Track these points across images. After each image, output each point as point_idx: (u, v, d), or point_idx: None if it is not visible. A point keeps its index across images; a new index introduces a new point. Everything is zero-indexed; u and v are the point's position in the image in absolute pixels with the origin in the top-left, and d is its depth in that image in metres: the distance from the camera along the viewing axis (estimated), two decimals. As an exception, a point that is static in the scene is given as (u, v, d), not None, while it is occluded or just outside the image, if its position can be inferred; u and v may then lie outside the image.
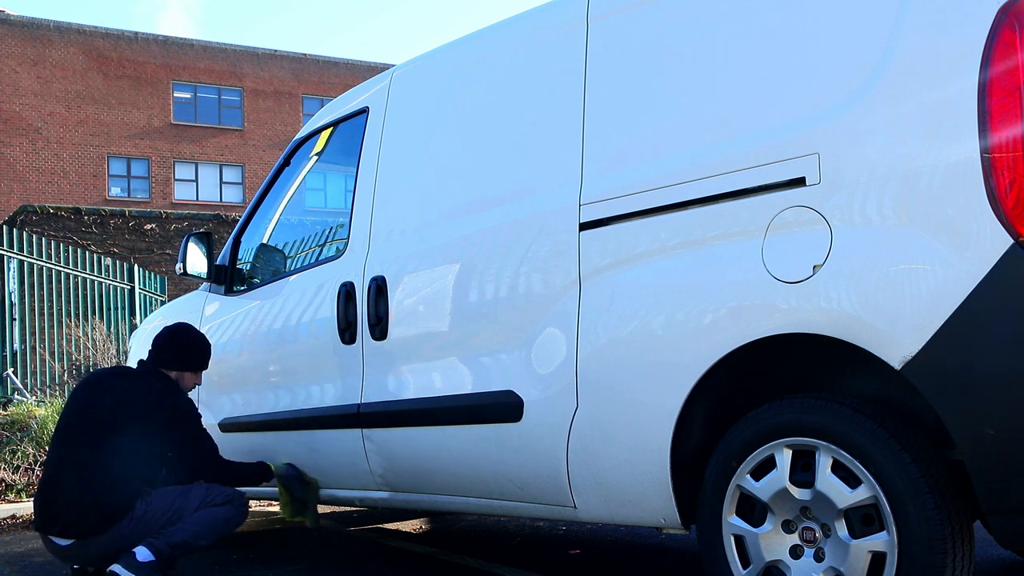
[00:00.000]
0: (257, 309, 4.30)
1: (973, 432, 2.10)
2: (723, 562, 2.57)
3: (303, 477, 4.07)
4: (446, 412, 3.31)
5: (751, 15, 2.66)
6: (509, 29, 3.49)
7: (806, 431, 2.38)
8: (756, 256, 2.47)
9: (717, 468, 2.58)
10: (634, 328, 2.75)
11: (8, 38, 31.46)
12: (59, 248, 11.10)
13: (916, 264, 2.19)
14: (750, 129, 2.57)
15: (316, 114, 4.49)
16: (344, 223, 3.95)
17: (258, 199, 4.55)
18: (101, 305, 11.45)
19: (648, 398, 2.69)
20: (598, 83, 3.02)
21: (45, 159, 31.64)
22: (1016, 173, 2.08)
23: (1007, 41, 2.11)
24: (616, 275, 2.82)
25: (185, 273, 4.49)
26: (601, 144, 2.97)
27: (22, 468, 6.96)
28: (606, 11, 3.05)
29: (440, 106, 3.67)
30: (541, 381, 3.00)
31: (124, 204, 29.34)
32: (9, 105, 31.13)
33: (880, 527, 2.28)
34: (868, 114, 2.33)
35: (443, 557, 4.44)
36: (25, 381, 9.80)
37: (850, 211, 2.32)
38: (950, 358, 2.13)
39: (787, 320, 2.40)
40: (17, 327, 10.22)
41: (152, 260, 15.60)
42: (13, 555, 4.83)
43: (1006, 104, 2.10)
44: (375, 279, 3.61)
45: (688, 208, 2.65)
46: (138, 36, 33.72)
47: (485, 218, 3.29)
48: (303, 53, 36.43)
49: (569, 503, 2.95)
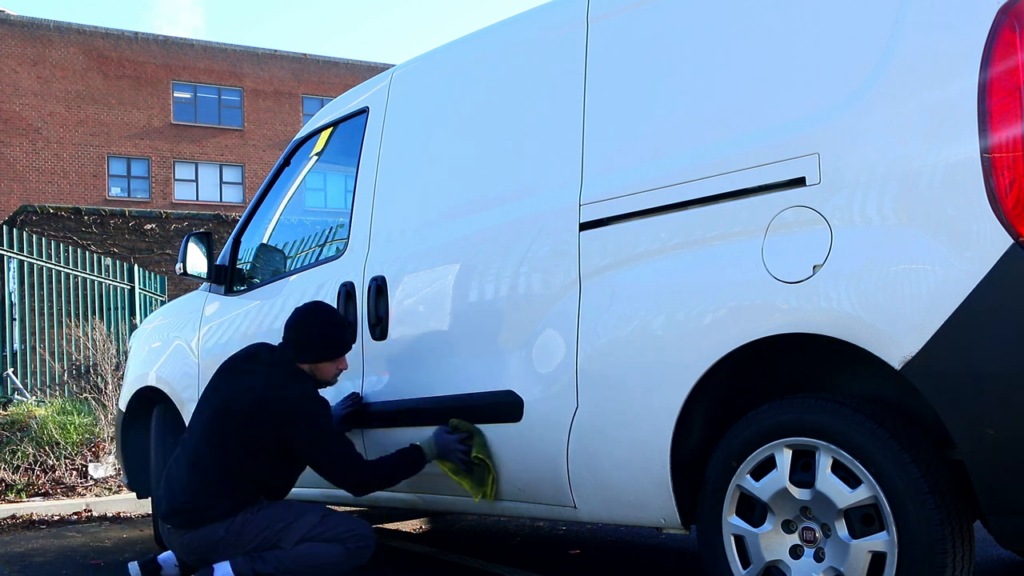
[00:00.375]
0: (257, 309, 4.30)
1: (973, 432, 2.10)
2: (723, 562, 2.57)
3: (458, 427, 3.27)
4: (446, 412, 3.31)
5: (751, 15, 2.66)
6: (509, 29, 3.49)
7: (806, 431, 2.39)
8: (756, 256, 2.47)
9: (717, 468, 2.58)
10: (634, 328, 2.75)
11: (8, 38, 31.45)
12: (59, 248, 11.10)
13: (916, 264, 2.19)
14: (750, 129, 2.57)
15: (316, 114, 4.49)
16: (344, 223, 3.95)
17: (258, 199, 4.55)
18: (101, 305, 11.45)
19: (648, 398, 2.69)
20: (598, 83, 3.02)
21: (45, 159, 31.63)
22: (1016, 173, 2.08)
23: (1007, 41, 2.12)
24: (616, 275, 2.82)
25: (185, 273, 4.48)
26: (601, 144, 2.97)
27: (22, 468, 6.96)
28: (606, 11, 3.05)
29: (440, 106, 3.67)
30: (541, 381, 3.00)
31: (124, 204, 29.32)
32: (9, 105, 31.13)
33: (880, 527, 2.28)
34: (868, 114, 2.33)
35: (443, 557, 4.45)
36: (25, 381, 9.80)
37: (850, 211, 2.32)
38: (950, 358, 2.13)
39: (787, 320, 2.40)
40: (17, 327, 10.22)
41: (152, 260, 15.60)
42: (13, 555, 4.83)
43: (1006, 104, 2.10)
44: (375, 279, 3.61)
45: (688, 208, 2.65)
46: (138, 36, 33.71)
47: (485, 218, 3.29)
48: (303, 53, 36.43)
49: (569, 503, 2.95)
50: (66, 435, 7.29)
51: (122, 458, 5.18)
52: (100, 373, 8.72)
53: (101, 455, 7.35)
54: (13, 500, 6.63)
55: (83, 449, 7.33)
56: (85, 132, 32.20)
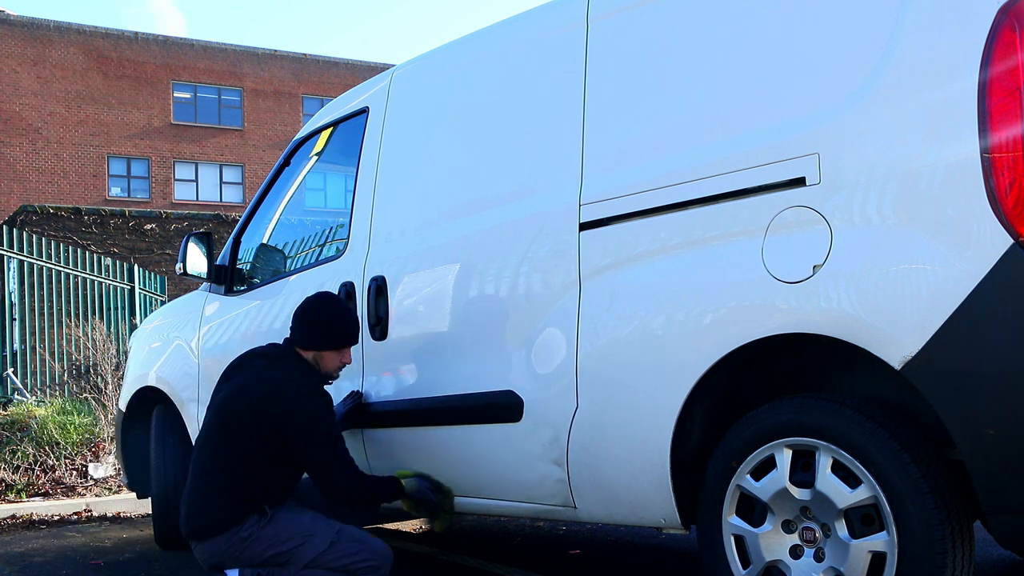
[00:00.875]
0: (257, 309, 4.29)
1: (973, 432, 2.10)
2: (723, 562, 2.57)
3: (440, 487, 3.38)
4: (446, 412, 3.31)
5: (751, 15, 2.65)
6: (509, 29, 3.49)
7: (806, 431, 2.38)
8: (756, 256, 2.47)
9: (717, 468, 2.58)
10: (634, 328, 2.75)
11: (8, 38, 31.45)
12: (59, 248, 11.10)
13: (916, 264, 2.19)
14: (750, 129, 2.57)
15: (316, 114, 4.49)
16: (344, 223, 3.95)
17: (258, 199, 4.55)
18: (101, 305, 11.45)
19: (648, 398, 2.69)
20: (598, 83, 3.02)
21: (45, 159, 31.63)
22: (1016, 173, 2.08)
23: (1007, 41, 2.11)
24: (616, 275, 2.82)
25: (185, 273, 4.48)
26: (601, 144, 2.97)
27: (22, 468, 6.96)
28: (606, 11, 3.05)
29: (440, 106, 3.67)
30: (541, 381, 3.00)
31: (124, 204, 29.32)
32: (9, 105, 31.13)
33: (880, 527, 2.28)
34: (868, 114, 2.33)
35: (443, 557, 4.45)
36: (25, 381, 9.80)
37: (850, 211, 2.32)
38: (950, 358, 2.13)
39: (787, 320, 2.40)
40: (17, 327, 10.23)
41: (152, 260, 15.60)
42: (13, 555, 4.83)
43: (1006, 104, 2.10)
44: (375, 279, 3.61)
45: (688, 208, 2.65)
46: (138, 36, 33.71)
47: (485, 218, 3.29)
48: (303, 53, 36.43)
49: (569, 503, 2.95)
50: (66, 435, 7.29)
51: (122, 458, 5.18)
52: (100, 373, 8.72)
53: (101, 455, 7.35)
54: (13, 500, 6.63)
55: (83, 449, 7.34)
56: (85, 132, 32.20)
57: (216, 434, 3.25)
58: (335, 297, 3.47)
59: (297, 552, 3.14)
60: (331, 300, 3.44)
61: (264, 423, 3.17)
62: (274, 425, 3.16)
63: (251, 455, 3.19)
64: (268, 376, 3.24)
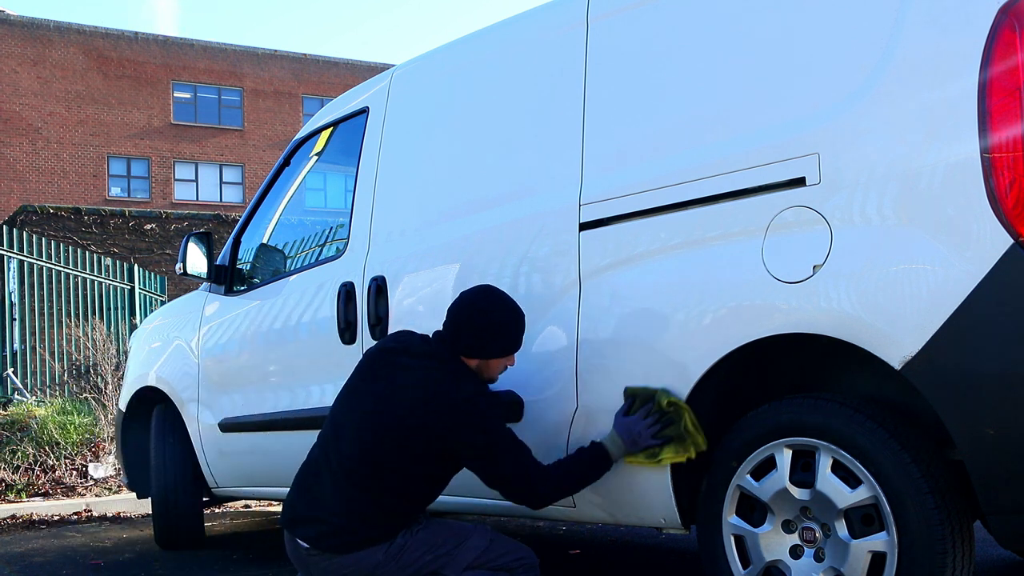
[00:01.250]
0: (257, 309, 4.29)
1: (973, 432, 2.10)
2: (723, 562, 2.57)
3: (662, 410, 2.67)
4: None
5: (751, 15, 2.65)
6: (509, 29, 3.49)
7: (806, 431, 2.39)
8: (756, 256, 2.47)
9: (717, 468, 2.59)
10: (634, 328, 2.75)
11: (8, 38, 31.46)
12: (59, 248, 11.11)
13: (916, 264, 2.19)
14: (750, 129, 2.57)
15: (316, 114, 4.49)
16: (344, 223, 3.95)
17: (258, 199, 4.55)
18: (101, 305, 11.45)
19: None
20: (598, 83, 3.02)
21: (45, 159, 31.64)
22: (1016, 173, 2.08)
23: (1007, 41, 2.11)
24: (616, 275, 2.82)
25: (185, 273, 4.48)
26: (601, 144, 2.97)
27: (22, 468, 6.96)
28: (606, 11, 3.05)
29: (440, 106, 3.67)
30: (541, 381, 3.00)
31: (124, 204, 29.33)
32: (9, 105, 31.14)
33: (880, 527, 2.28)
34: (868, 114, 2.33)
35: (443, 557, 4.44)
36: (25, 381, 9.80)
37: (850, 211, 2.32)
38: (950, 358, 2.13)
39: (787, 320, 2.40)
40: (17, 327, 10.23)
41: (152, 260, 15.60)
42: (13, 555, 4.84)
43: (1006, 104, 2.10)
44: (375, 279, 3.61)
45: (688, 208, 2.65)
46: (138, 36, 33.72)
47: (485, 218, 3.29)
48: (303, 53, 36.44)
49: (569, 503, 2.95)
50: (66, 435, 7.29)
51: (122, 458, 5.19)
52: (100, 373, 8.73)
53: (101, 455, 7.35)
54: (13, 500, 6.63)
55: (83, 449, 7.34)
56: (85, 132, 32.21)
57: (370, 439, 2.87)
58: (501, 293, 2.98)
59: (456, 554, 2.90)
60: (500, 297, 2.95)
61: (431, 429, 2.83)
62: (442, 433, 2.83)
63: (414, 463, 2.87)
64: (432, 377, 2.88)
